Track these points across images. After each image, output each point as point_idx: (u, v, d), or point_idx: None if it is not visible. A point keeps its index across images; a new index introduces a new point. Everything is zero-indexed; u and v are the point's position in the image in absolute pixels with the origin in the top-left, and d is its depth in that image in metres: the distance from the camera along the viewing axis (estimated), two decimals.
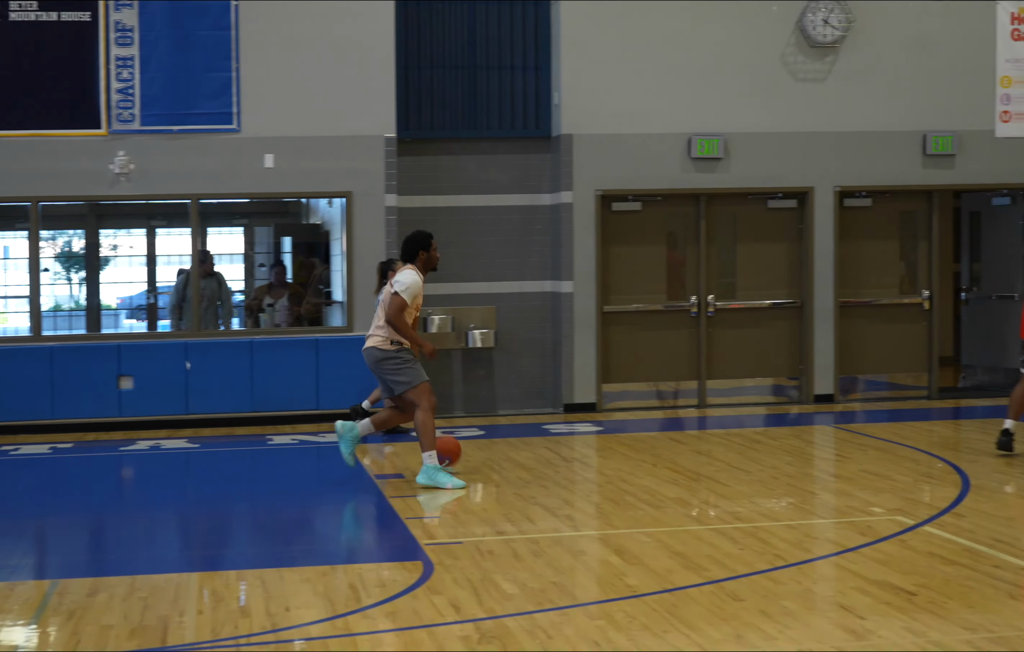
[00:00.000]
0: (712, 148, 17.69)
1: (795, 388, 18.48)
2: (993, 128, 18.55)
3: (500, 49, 18.02)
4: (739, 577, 8.66)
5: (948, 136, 18.38)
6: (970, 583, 8.43)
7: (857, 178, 18.38)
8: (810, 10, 17.82)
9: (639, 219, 18.03)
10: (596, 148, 17.61)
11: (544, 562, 9.25)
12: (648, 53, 17.69)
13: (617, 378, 17.92)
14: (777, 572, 8.80)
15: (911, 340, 18.90)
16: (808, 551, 9.61)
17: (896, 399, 18.65)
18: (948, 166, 18.51)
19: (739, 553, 9.37)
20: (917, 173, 18.47)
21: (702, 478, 12.80)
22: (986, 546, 9.52)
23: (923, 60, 18.35)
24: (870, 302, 18.63)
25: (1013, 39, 18.51)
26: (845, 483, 12.46)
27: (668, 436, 15.78)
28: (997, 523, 10.36)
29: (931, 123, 18.41)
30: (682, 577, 8.71)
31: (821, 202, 18.18)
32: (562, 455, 14.44)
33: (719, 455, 14.20)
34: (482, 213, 17.93)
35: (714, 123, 17.82)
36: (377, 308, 12.62)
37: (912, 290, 18.85)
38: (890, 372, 19.00)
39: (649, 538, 9.96)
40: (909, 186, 18.58)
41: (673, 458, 13.91)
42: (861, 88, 18.24)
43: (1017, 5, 18.47)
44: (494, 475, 13.09)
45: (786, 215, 18.46)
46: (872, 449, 14.48)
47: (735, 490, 12.00)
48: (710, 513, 11.23)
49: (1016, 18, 18.49)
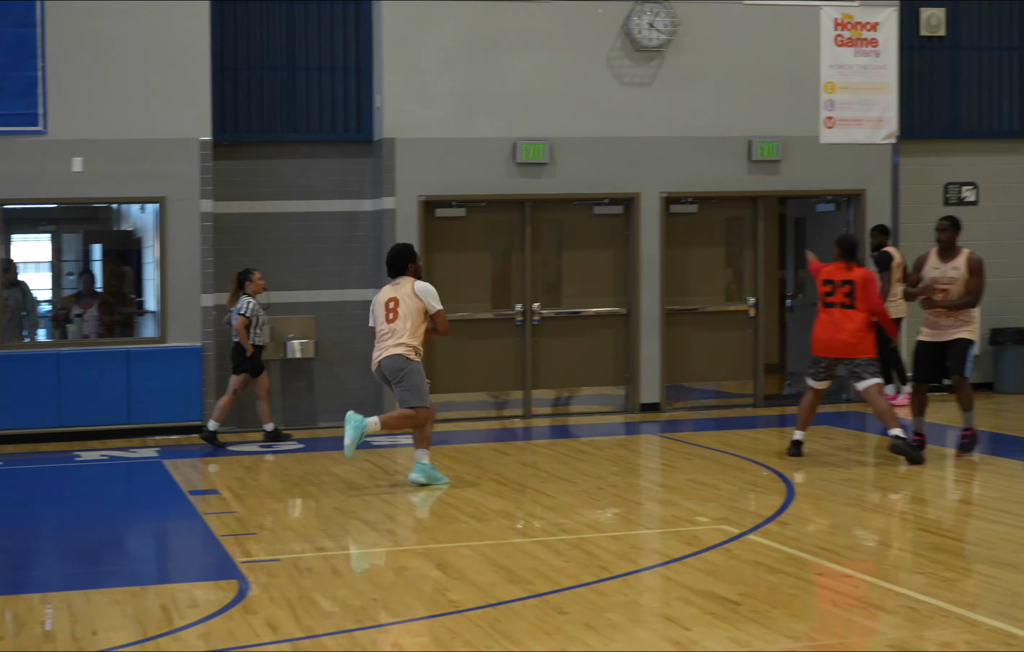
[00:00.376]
0: (537, 153, 17.77)
1: (622, 397, 18.64)
2: (818, 134, 18.87)
3: (320, 50, 17.89)
4: (564, 590, 8.71)
5: (773, 142, 18.65)
6: (794, 591, 8.60)
7: (683, 184, 18.56)
8: (635, 13, 17.96)
9: (463, 226, 18.04)
10: (419, 153, 17.56)
11: (365, 579, 9.21)
12: (473, 55, 17.70)
13: (442, 388, 17.86)
14: (602, 584, 8.87)
15: (737, 347, 19.15)
16: (634, 562, 9.71)
17: (722, 407, 18.92)
18: (773, 172, 18.82)
19: (564, 565, 9.42)
20: (743, 179, 18.73)
21: (527, 489, 12.84)
22: (810, 554, 9.72)
23: (749, 65, 18.59)
24: (696, 309, 18.85)
25: (837, 45, 18.87)
26: (671, 493, 12.63)
27: (493, 447, 15.81)
28: (820, 530, 10.59)
29: (756, 129, 18.67)
30: (506, 591, 8.72)
31: (647, 208, 18.35)
32: (384, 468, 14.37)
33: (545, 466, 14.28)
34: (302, 219, 17.77)
35: (539, 128, 17.89)
36: (396, 321, 12.80)
37: (738, 297, 19.13)
38: (716, 380, 19.29)
39: (472, 552, 9.96)
40: (735, 192, 18.83)
41: (498, 470, 13.95)
42: (687, 93, 18.40)
43: (840, 11, 18.86)
44: (314, 489, 12.99)
45: (612, 221, 18.61)
46: (698, 458, 14.68)
47: (560, 501, 12.07)
48: (535, 525, 11.27)
49: (839, 24, 18.86)
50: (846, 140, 18.94)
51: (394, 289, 12.98)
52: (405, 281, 12.99)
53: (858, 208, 19.13)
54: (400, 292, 12.91)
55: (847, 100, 18.91)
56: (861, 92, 18.94)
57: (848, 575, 9.08)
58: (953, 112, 20.09)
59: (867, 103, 18.96)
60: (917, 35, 19.83)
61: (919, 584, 8.83)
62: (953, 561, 9.54)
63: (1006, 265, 19.93)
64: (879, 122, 19.01)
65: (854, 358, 13.88)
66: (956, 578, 9.03)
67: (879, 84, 19.01)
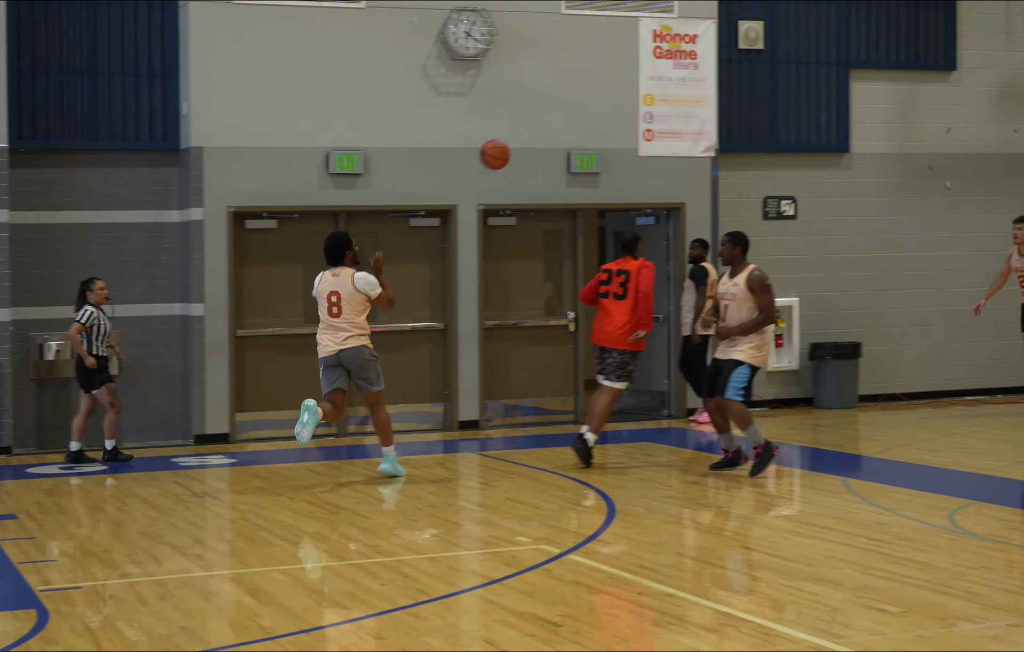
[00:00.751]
0: (351, 163, 17.63)
1: (439, 414, 18.57)
2: (637, 147, 19.05)
3: (124, 54, 17.51)
4: (380, 614, 8.61)
5: (592, 154, 18.76)
6: (615, 611, 8.62)
7: (501, 196, 18.57)
8: (452, 22, 17.94)
9: (275, 238, 17.82)
10: (228, 162, 17.30)
11: (172, 605, 8.99)
12: (285, 62, 17.51)
13: (252, 407, 17.65)
14: (420, 607, 8.79)
15: (557, 363, 19.20)
16: (452, 584, 9.64)
17: (542, 424, 18.95)
18: (592, 185, 18.94)
19: (380, 588, 9.32)
20: (562, 192, 18.81)
21: (342, 511, 12.70)
22: (631, 573, 9.74)
23: (567, 76, 18.68)
24: (516, 324, 18.88)
25: (655, 56, 19.07)
26: (490, 512, 12.60)
27: (306, 467, 15.62)
28: (642, 549, 10.63)
29: (575, 141, 18.76)
30: (320, 616, 8.61)
31: (465, 221, 18.34)
32: (192, 490, 14.11)
33: (360, 486, 14.15)
34: (105, 231, 17.36)
35: (354, 137, 17.77)
36: (342, 316, 13.91)
37: (558, 312, 19.23)
38: (536, 396, 19.31)
39: (285, 576, 9.82)
40: (554, 205, 18.91)
41: (312, 490, 13.78)
42: (505, 103, 18.42)
43: (659, 22, 19.07)
44: (117, 513, 12.70)
45: (429, 234, 18.56)
46: (518, 476, 14.68)
47: (376, 522, 11.99)
48: (350, 547, 11.15)
49: (658, 35, 19.07)
50: (665, 153, 19.14)
51: (335, 281, 13.99)
52: (344, 272, 14.00)
53: (678, 221, 19.34)
54: (341, 286, 13.92)
55: (666, 113, 19.10)
56: (680, 105, 19.16)
57: (669, 594, 9.12)
58: (772, 125, 20.43)
59: (686, 116, 19.18)
60: (736, 48, 20.12)
61: (741, 603, 8.93)
62: (774, 578, 9.65)
63: (824, 280, 20.36)
64: (698, 135, 19.24)
65: (617, 349, 14.53)
66: (778, 595, 9.13)
67: (698, 97, 19.26)
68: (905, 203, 21.04)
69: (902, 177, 21.04)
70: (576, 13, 18.78)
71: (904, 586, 9.07)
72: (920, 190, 21.11)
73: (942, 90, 21.19)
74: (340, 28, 17.75)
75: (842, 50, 20.70)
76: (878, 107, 20.92)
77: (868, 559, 10.02)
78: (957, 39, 21.17)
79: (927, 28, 21.05)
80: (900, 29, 20.95)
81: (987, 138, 21.40)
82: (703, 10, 19.35)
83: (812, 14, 20.53)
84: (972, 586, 8.99)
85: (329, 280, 14.02)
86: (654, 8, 19.07)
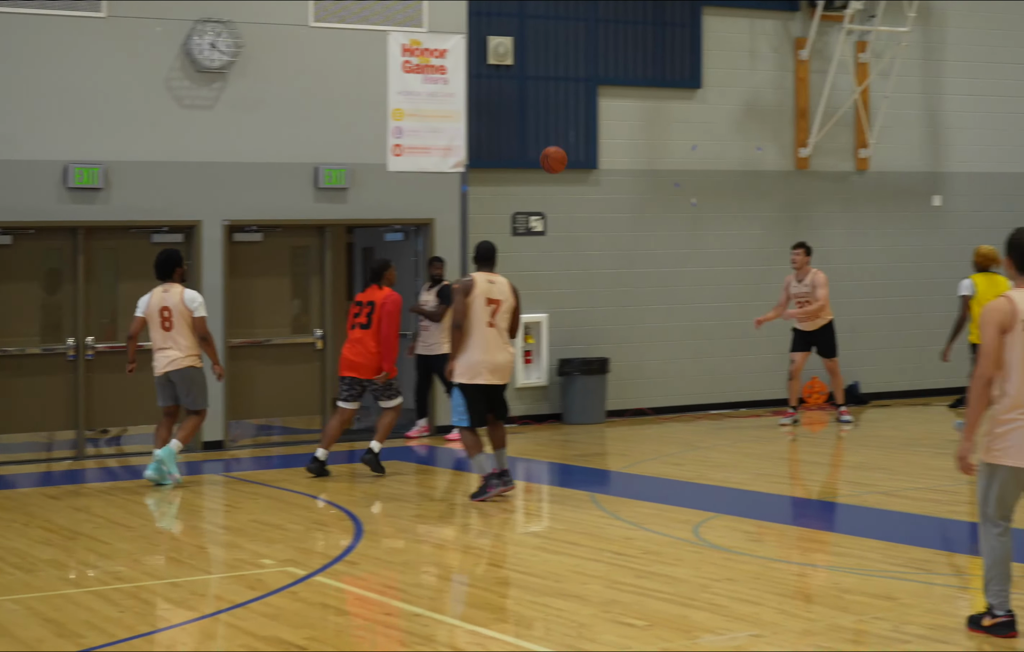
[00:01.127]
0: (91, 178, 17.27)
1: None
2: (386, 162, 19.04)
3: None
4: (118, 642, 8.53)
5: (340, 169, 18.67)
6: (362, 632, 8.68)
7: (247, 212, 18.41)
8: (196, 33, 17.68)
9: (10, 254, 17.32)
10: None
11: None
12: (20, 71, 17.06)
13: None
14: (159, 634, 8.74)
15: (304, 381, 19.08)
16: (194, 609, 9.60)
17: (289, 444, 18.82)
18: (341, 200, 18.86)
19: (119, 616, 9.23)
20: (309, 207, 18.69)
21: (79, 536, 12.48)
22: (377, 593, 9.82)
23: (315, 90, 18.57)
24: (262, 342, 18.74)
25: (405, 71, 19.10)
26: (235, 534, 12.55)
27: (42, 492, 15.31)
28: (389, 569, 10.72)
29: (323, 155, 18.66)
30: (54, 645, 8.48)
31: (209, 237, 18.10)
32: None
33: (99, 511, 13.89)
34: None
35: (94, 151, 17.41)
36: (173, 330, 14.78)
37: (306, 329, 19.17)
38: (283, 415, 19.23)
39: (18, 605, 9.63)
40: (301, 221, 18.81)
41: (47, 516, 13.51)
42: (251, 117, 18.27)
43: (408, 36, 19.13)
44: None
45: None
46: (264, 497, 14.62)
47: (116, 548, 11.81)
48: (88, 574, 10.99)
49: (408, 50, 19.11)
50: (414, 168, 19.17)
51: (165, 295, 14.88)
52: (174, 288, 14.92)
53: (427, 237, 19.42)
54: (171, 300, 14.83)
55: (415, 127, 19.14)
56: (430, 119, 19.22)
57: (417, 614, 9.21)
58: (521, 141, 20.60)
59: (436, 131, 19.25)
60: (485, 63, 20.27)
61: (488, 621, 9.07)
62: (522, 595, 9.83)
63: (573, 295, 20.67)
64: (447, 150, 19.34)
65: (368, 380, 15.03)
66: (525, 612, 9.31)
67: (448, 112, 19.36)
68: (652, 219, 21.48)
69: (649, 193, 21.47)
70: (324, 26, 18.69)
71: (650, 599, 9.33)
72: (667, 206, 21.58)
73: (688, 108, 21.73)
74: (79, 38, 17.36)
75: (591, 67, 21.05)
76: (626, 124, 21.32)
77: (614, 573, 10.27)
78: (702, 58, 21.72)
79: (673, 47, 21.56)
80: (647, 47, 21.39)
81: (730, 155, 22.02)
82: (452, 25, 19.46)
83: (561, 32, 20.81)
84: (715, 598, 9.30)
85: (159, 295, 14.89)
86: (403, 22, 19.12)
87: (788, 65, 22.38)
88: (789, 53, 22.38)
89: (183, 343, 14.84)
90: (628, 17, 21.25)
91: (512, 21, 20.51)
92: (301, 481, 15.27)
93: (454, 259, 19.34)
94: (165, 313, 14.80)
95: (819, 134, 22.32)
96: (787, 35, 22.35)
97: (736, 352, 21.86)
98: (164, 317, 14.81)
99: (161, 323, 14.82)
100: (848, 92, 22.61)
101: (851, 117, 22.74)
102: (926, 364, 22.34)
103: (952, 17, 23.63)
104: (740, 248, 21.90)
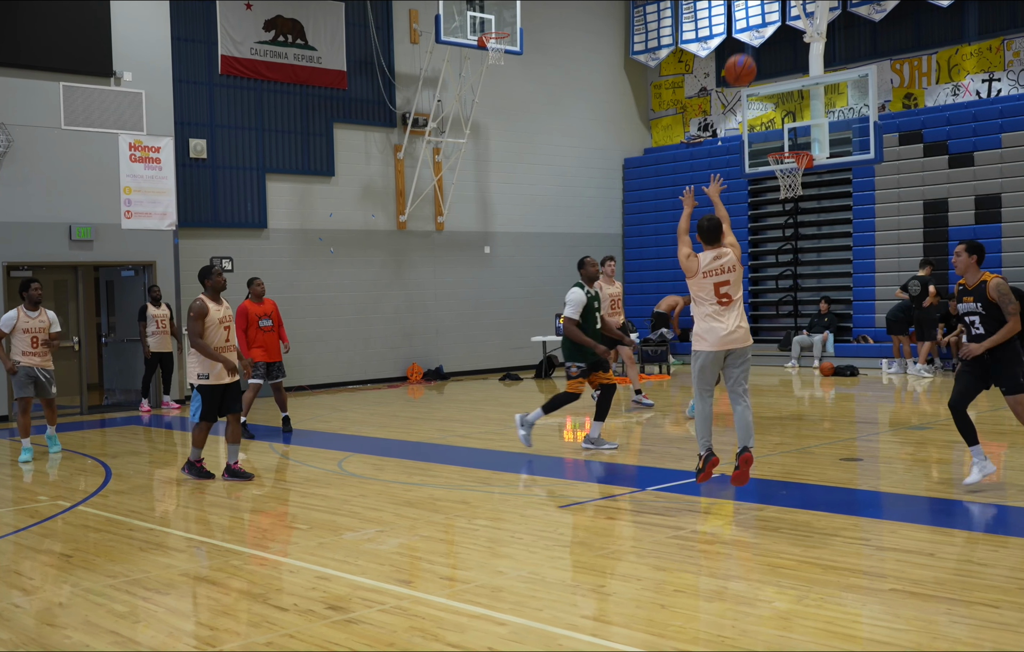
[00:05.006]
0: None
1: None
2: (120, 222, 18.07)
3: None
4: None
5: (88, 226, 17.61)
6: (111, 544, 8.02)
7: (22, 256, 17.09)
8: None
9: None
10: None
11: None
12: None
13: None
14: None
15: (69, 373, 18.00)
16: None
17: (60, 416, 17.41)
18: (89, 248, 17.72)
19: None
20: (66, 253, 17.50)
21: None
22: (122, 516, 9.14)
23: (70, 171, 17.49)
24: None
25: (131, 161, 18.23)
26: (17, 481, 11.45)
27: None
28: (131, 499, 9.97)
29: (75, 217, 17.53)
30: None
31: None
32: None
33: None
34: None
35: None
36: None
37: (66, 337, 17.81)
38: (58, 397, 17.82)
39: None
40: (61, 262, 17.58)
41: None
42: (23, 190, 17.04)
43: (133, 138, 18.20)
44: None
45: None
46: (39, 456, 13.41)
47: None
48: None
49: (133, 146, 18.23)
50: (140, 227, 18.31)
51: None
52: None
53: (151, 273, 18.49)
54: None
55: (140, 199, 18.33)
56: (150, 194, 18.44)
57: (151, 528, 8.60)
58: (214, 209, 19.88)
59: (155, 201, 18.46)
60: (188, 156, 19.52)
61: (202, 530, 8.54)
62: (222, 511, 9.32)
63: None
64: (163, 215, 18.55)
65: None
66: (222, 521, 8.82)
67: (163, 189, 18.56)
68: (305, 263, 21.04)
69: (302, 245, 21.01)
70: (72, 129, 17.56)
71: (312, 512, 8.99)
72: (314, 254, 21.17)
73: (326, 188, 21.38)
74: None
75: (261, 160, 20.46)
76: (285, 198, 20.82)
77: (285, 495, 9.87)
78: (335, 155, 21.45)
79: (316, 148, 21.19)
80: (298, 148, 20.97)
81: (355, 219, 21.77)
82: (164, 130, 18.55)
83: (240, 136, 20.19)
84: (354, 508, 9.01)
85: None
86: (130, 127, 18.17)
87: (390, 161, 22.31)
88: (391, 154, 22.31)
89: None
90: (285, 127, 20.77)
91: (206, 128, 19.75)
92: (65, 441, 14.11)
93: (170, 289, 18.43)
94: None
95: (412, 206, 22.33)
96: (389, 142, 22.28)
97: (362, 346, 21.67)
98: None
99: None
100: (429, 179, 22.73)
101: (432, 195, 22.86)
102: (489, 350, 22.76)
103: (493, 132, 24.12)
104: (361, 281, 21.72)
